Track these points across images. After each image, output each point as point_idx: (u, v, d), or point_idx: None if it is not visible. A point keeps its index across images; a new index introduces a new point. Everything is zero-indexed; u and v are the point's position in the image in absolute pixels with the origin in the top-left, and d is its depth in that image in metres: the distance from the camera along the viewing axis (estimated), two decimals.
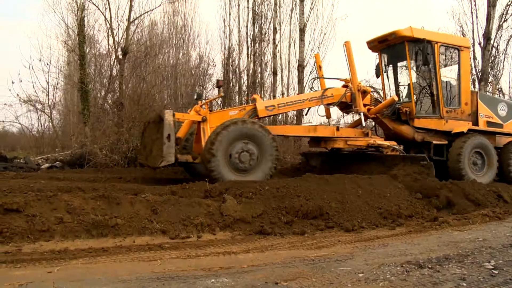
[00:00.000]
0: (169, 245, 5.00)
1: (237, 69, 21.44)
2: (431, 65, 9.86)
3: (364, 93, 9.72)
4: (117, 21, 16.11)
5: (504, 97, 16.76)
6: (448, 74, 10.53)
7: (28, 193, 5.40)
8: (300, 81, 19.12)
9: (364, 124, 9.79)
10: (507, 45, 15.63)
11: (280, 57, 21.16)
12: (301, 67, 19.18)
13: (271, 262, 4.43)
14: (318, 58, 11.73)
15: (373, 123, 11.00)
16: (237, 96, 21.05)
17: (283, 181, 7.11)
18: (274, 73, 20.76)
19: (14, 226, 4.74)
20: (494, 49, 15.18)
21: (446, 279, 3.90)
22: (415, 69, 10.38)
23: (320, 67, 11.20)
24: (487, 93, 12.13)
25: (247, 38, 21.42)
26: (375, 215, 6.72)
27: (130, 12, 16.05)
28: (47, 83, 17.70)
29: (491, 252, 5.01)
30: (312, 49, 19.84)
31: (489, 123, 10.72)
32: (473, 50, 15.42)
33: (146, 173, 10.08)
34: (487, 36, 14.91)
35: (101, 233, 5.05)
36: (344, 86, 9.98)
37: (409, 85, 10.23)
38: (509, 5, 15.15)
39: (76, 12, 15.95)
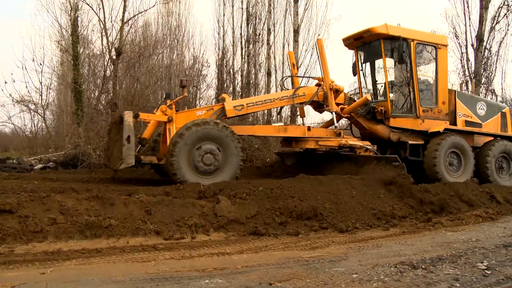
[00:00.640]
0: (163, 246, 4.98)
1: (231, 70, 21.45)
2: (407, 63, 9.70)
3: (337, 92, 9.55)
4: (111, 22, 16.11)
5: (496, 99, 16.85)
6: (427, 72, 10.43)
7: (21, 194, 5.36)
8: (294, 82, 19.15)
9: (336, 123, 9.61)
10: (499, 46, 15.74)
11: (274, 58, 21.20)
12: (295, 68, 19.18)
13: (265, 263, 4.43)
14: (292, 56, 11.51)
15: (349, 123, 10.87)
16: (231, 97, 21.04)
17: (277, 181, 7.10)
18: (268, 74, 20.79)
19: (7, 227, 4.71)
20: (486, 51, 15.27)
21: (439, 279, 3.92)
22: (392, 67, 10.25)
23: (293, 65, 11.05)
24: (468, 91, 11.96)
25: (241, 39, 21.45)
26: (369, 216, 6.73)
27: (124, 13, 16.04)
28: (40, 83, 17.62)
29: (484, 253, 5.04)
30: (306, 50, 19.90)
31: (468, 123, 10.54)
32: (466, 52, 15.55)
33: (140, 174, 10.05)
34: (479, 38, 15.01)
35: (95, 234, 5.02)
36: (317, 85, 9.82)
37: (384, 83, 10.08)
38: (501, 7, 15.27)
39: (69, 12, 15.89)
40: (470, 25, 15.68)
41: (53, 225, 4.92)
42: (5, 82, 16.58)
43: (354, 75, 11.04)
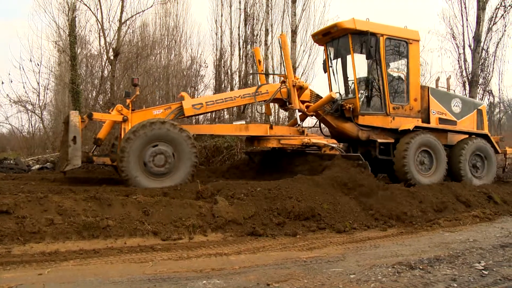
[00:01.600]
0: (161, 247, 4.98)
1: (229, 70, 21.42)
2: (377, 59, 9.38)
3: (301, 89, 9.15)
4: (109, 22, 16.09)
5: (494, 100, 16.88)
6: (399, 68, 10.09)
7: (18, 195, 5.35)
8: None
9: (299, 121, 9.29)
10: (496, 47, 15.78)
11: (272, 59, 21.17)
12: (293, 68, 19.18)
13: (262, 264, 4.44)
14: (258, 53, 11.17)
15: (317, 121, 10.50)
16: None
17: (275, 182, 7.09)
18: (266, 75, 20.76)
19: (4, 227, 4.71)
20: (484, 52, 15.31)
21: (437, 279, 3.92)
22: (362, 63, 9.86)
23: (259, 61, 10.68)
24: (441, 88, 11.66)
25: (239, 39, 21.43)
26: (367, 217, 6.74)
27: (121, 13, 16.02)
28: (38, 83, 17.60)
29: (481, 253, 5.05)
30: (304, 51, 19.88)
31: (442, 120, 10.19)
32: (464, 53, 15.57)
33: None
34: (477, 38, 15.04)
35: (92, 235, 5.02)
36: (283, 82, 9.45)
37: (353, 80, 9.72)
38: (498, 8, 15.30)
39: (67, 13, 15.88)
40: (467, 26, 15.72)
41: (51, 226, 4.91)
42: (2, 83, 16.55)
43: (325, 72, 10.75)
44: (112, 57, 15.60)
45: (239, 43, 21.43)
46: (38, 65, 17.36)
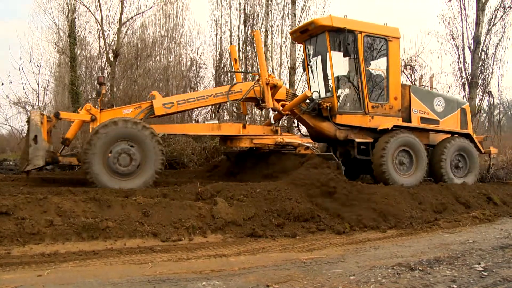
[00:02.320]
0: (160, 248, 4.98)
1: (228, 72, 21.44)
2: (355, 57, 9.19)
3: (275, 87, 8.88)
4: (108, 23, 16.07)
5: (493, 101, 16.87)
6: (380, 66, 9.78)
7: (17, 196, 5.35)
8: (292, 83, 19.17)
9: (272, 121, 9.17)
10: (496, 48, 15.77)
11: (272, 60, 21.22)
12: (292, 70, 19.20)
13: (262, 265, 4.43)
14: (234, 51, 10.91)
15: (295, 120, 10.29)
16: None
17: (274, 183, 7.09)
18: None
19: (3, 229, 4.70)
20: (483, 53, 15.32)
21: (436, 281, 3.92)
22: (342, 61, 9.61)
23: (235, 60, 10.46)
24: (424, 87, 11.43)
25: (238, 40, 21.46)
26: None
27: (121, 14, 15.99)
28: (38, 84, 17.55)
29: (481, 254, 5.06)
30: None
31: (424, 119, 9.94)
32: (463, 54, 15.57)
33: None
34: (476, 40, 15.05)
35: (92, 236, 5.02)
36: (257, 80, 9.19)
37: (330, 78, 9.51)
38: (497, 9, 15.30)
39: (67, 14, 15.89)
40: (467, 27, 15.72)
41: (50, 227, 4.91)
42: (2, 84, 16.51)
43: (304, 70, 10.55)
44: (111, 58, 15.59)
45: (238, 44, 21.45)
46: (38, 66, 17.33)
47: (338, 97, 9.51)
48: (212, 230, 5.74)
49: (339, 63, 9.65)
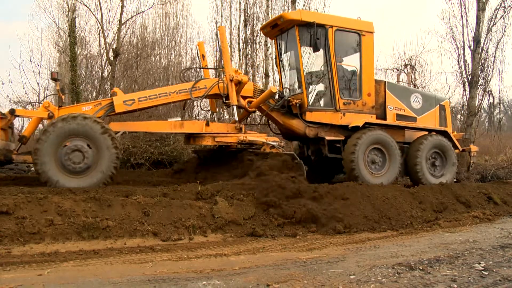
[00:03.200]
0: (161, 247, 4.98)
1: None
2: (326, 52, 8.90)
3: (240, 83, 8.52)
4: (109, 23, 16.08)
5: (494, 100, 16.87)
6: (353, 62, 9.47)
7: (18, 195, 5.35)
8: None
9: (236, 118, 8.86)
10: (496, 48, 15.77)
11: (272, 60, 21.18)
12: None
13: (262, 264, 4.43)
14: (202, 47, 10.44)
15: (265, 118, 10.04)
16: None
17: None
18: (266, 75, 20.74)
19: (4, 228, 4.71)
20: (483, 52, 15.31)
21: (437, 280, 3.92)
22: (315, 57, 9.47)
23: (203, 56, 10.07)
24: (401, 83, 11.16)
25: (239, 40, 21.42)
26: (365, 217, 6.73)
27: (121, 14, 16.02)
28: (38, 84, 17.54)
29: (481, 254, 5.05)
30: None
31: (400, 116, 9.63)
32: (463, 53, 15.56)
33: (138, 175, 10.03)
34: (476, 39, 15.04)
35: (92, 235, 5.03)
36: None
37: (300, 74, 9.21)
38: (498, 9, 15.29)
39: (67, 13, 15.88)
40: (467, 27, 15.70)
41: (50, 227, 4.91)
42: (2, 83, 16.51)
43: (277, 66, 10.36)
44: (112, 58, 15.60)
45: (239, 44, 21.43)
46: (38, 65, 17.32)
47: (308, 93, 9.22)
48: (212, 229, 5.74)
49: (312, 59, 9.53)
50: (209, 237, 5.59)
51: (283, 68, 10.18)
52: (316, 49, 8.67)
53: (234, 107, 8.72)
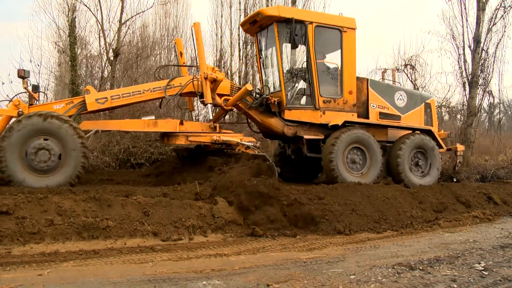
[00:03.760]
0: (161, 247, 4.98)
1: (229, 71, 21.41)
2: (305, 49, 8.71)
3: (215, 81, 8.31)
4: (109, 23, 16.10)
5: (494, 100, 16.86)
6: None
7: (18, 195, 5.35)
8: None
9: (211, 116, 8.74)
10: (496, 48, 15.75)
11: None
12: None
13: (262, 264, 4.44)
14: (180, 44, 10.31)
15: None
16: None
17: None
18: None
19: (4, 228, 4.70)
20: (483, 52, 15.30)
21: (437, 280, 3.92)
22: (296, 54, 9.35)
23: (181, 53, 9.89)
24: (386, 81, 10.75)
25: (239, 40, 21.41)
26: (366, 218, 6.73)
27: (121, 14, 16.04)
28: (38, 84, 17.55)
29: (481, 254, 5.06)
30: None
31: (383, 115, 9.41)
32: (464, 53, 15.55)
33: (138, 175, 10.03)
34: (476, 39, 15.02)
35: (92, 235, 5.02)
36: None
37: (279, 72, 9.02)
38: (498, 9, 15.27)
39: (67, 13, 15.89)
40: (467, 27, 15.68)
41: (50, 227, 4.91)
42: (2, 83, 16.50)
43: (258, 64, 10.16)
44: (112, 58, 15.61)
45: (239, 43, 21.42)
46: (38, 65, 17.32)
47: (287, 91, 9.01)
48: (212, 229, 5.74)
49: (292, 56, 9.36)
50: (209, 237, 5.59)
51: (263, 66, 9.98)
52: (294, 46, 8.51)
53: (208, 105, 8.56)
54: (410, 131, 9.63)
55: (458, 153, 10.59)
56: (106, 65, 16.29)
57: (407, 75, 16.80)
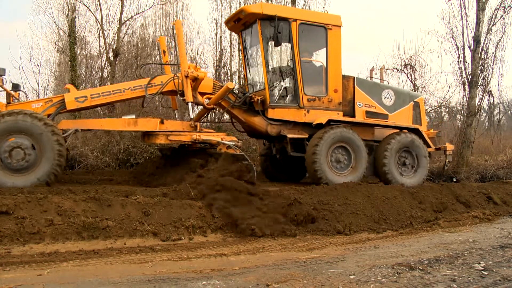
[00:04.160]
0: (160, 247, 4.98)
1: (228, 71, 21.39)
2: (289, 46, 8.61)
3: (196, 80, 8.16)
4: (108, 23, 16.11)
5: (493, 100, 16.86)
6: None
7: (17, 195, 5.35)
8: None
9: (192, 115, 8.50)
10: (496, 48, 15.75)
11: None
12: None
13: (262, 264, 4.44)
14: (163, 43, 10.04)
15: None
16: None
17: (274, 185, 7.06)
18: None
19: (4, 228, 4.71)
20: (483, 52, 15.30)
21: (436, 280, 3.93)
22: (281, 52, 9.16)
23: (164, 52, 9.70)
24: (374, 79, 10.57)
25: (239, 40, 21.41)
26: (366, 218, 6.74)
27: (121, 14, 16.05)
28: (38, 84, 17.53)
29: (481, 254, 5.06)
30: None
31: (370, 113, 9.23)
32: (463, 53, 15.55)
33: (138, 175, 10.03)
34: (476, 39, 15.02)
35: (92, 235, 5.02)
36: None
37: (262, 70, 8.88)
38: (498, 9, 15.27)
39: (66, 13, 15.88)
40: (467, 27, 15.68)
41: (50, 227, 4.91)
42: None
43: (243, 62, 10.04)
44: (112, 58, 15.61)
45: (239, 43, 21.40)
46: (38, 65, 17.32)
47: (271, 90, 8.85)
48: (212, 229, 5.74)
49: (277, 54, 9.23)
50: (209, 237, 5.59)
51: (248, 64, 9.87)
52: (277, 44, 8.36)
53: (189, 104, 8.38)
54: (397, 130, 9.49)
55: (447, 153, 10.40)
56: (106, 65, 16.29)
57: (407, 75, 16.78)
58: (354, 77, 9.36)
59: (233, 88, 8.41)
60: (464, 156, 13.56)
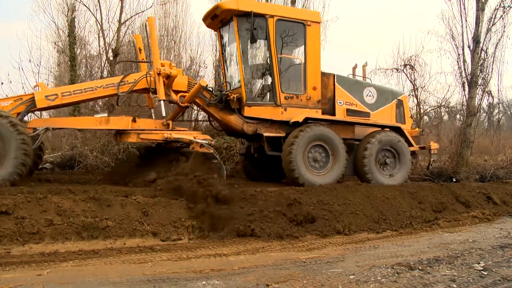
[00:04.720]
0: (160, 247, 4.98)
1: None
2: (265, 43, 8.47)
3: (169, 77, 8.01)
4: (108, 23, 16.11)
5: (493, 100, 16.86)
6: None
7: (17, 195, 5.34)
8: None
9: (163, 113, 8.29)
10: (495, 48, 15.75)
11: None
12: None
13: (262, 264, 4.44)
14: (139, 40, 9.78)
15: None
16: None
17: (273, 185, 7.05)
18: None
19: (3, 228, 4.71)
20: (483, 52, 15.30)
21: (436, 280, 3.93)
22: (260, 49, 8.97)
23: (140, 50, 9.48)
24: (356, 76, 10.33)
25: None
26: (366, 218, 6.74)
27: (121, 14, 16.06)
28: (37, 84, 17.53)
29: (480, 254, 5.06)
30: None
31: (351, 112, 9.00)
32: (463, 53, 15.55)
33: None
34: (476, 39, 15.03)
35: (92, 235, 5.02)
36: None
37: (238, 67, 8.67)
38: (497, 9, 15.27)
39: (66, 13, 15.88)
40: (466, 27, 15.68)
41: (50, 227, 4.91)
42: (2, 83, 16.49)
43: (221, 60, 9.88)
44: (111, 58, 15.61)
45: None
46: (38, 65, 17.30)
47: (247, 87, 8.64)
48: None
49: (255, 51, 9.09)
50: (209, 237, 5.59)
51: (225, 62, 9.71)
52: (253, 40, 8.25)
53: (162, 102, 8.16)
54: (379, 129, 9.25)
55: (432, 152, 10.16)
56: (106, 65, 16.29)
57: (406, 75, 16.78)
58: (334, 75, 9.17)
59: (206, 85, 8.22)
60: (464, 156, 13.55)
